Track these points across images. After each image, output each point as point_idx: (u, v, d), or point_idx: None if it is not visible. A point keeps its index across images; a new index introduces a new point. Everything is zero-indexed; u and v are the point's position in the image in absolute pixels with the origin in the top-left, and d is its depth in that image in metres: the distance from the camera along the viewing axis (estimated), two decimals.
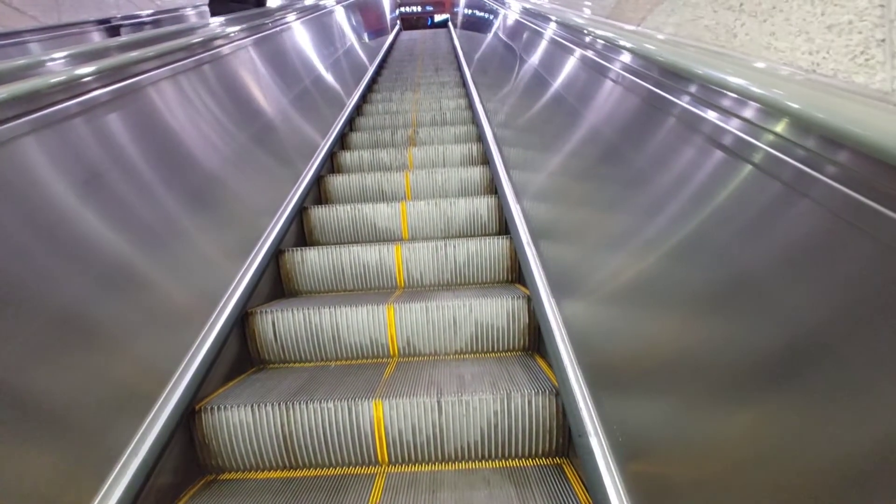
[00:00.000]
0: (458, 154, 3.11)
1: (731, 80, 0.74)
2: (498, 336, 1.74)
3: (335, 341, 1.76)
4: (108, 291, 1.19)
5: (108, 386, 1.12)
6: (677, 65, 0.90)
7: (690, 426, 0.77)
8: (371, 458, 1.36)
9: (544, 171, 1.86)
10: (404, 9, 15.62)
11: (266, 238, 2.04)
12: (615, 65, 1.30)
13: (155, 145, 1.56)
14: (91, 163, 1.26)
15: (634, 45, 1.12)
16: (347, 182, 2.82)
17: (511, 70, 2.93)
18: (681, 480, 0.79)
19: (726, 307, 0.72)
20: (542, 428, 1.33)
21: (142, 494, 1.09)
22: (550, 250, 1.68)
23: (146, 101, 1.57)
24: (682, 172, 0.94)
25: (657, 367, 0.90)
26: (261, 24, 2.60)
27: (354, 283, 2.15)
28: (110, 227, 1.25)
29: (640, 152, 1.13)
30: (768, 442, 0.61)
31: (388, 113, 4.12)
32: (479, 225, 2.45)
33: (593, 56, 1.50)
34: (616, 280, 1.14)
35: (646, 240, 1.03)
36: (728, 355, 0.70)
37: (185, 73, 1.84)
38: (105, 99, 1.36)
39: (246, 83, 2.40)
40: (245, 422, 1.35)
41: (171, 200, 1.55)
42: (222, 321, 1.57)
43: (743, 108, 0.72)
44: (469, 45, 5.36)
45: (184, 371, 1.35)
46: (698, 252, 0.82)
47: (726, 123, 0.77)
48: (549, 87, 2.00)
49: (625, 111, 1.28)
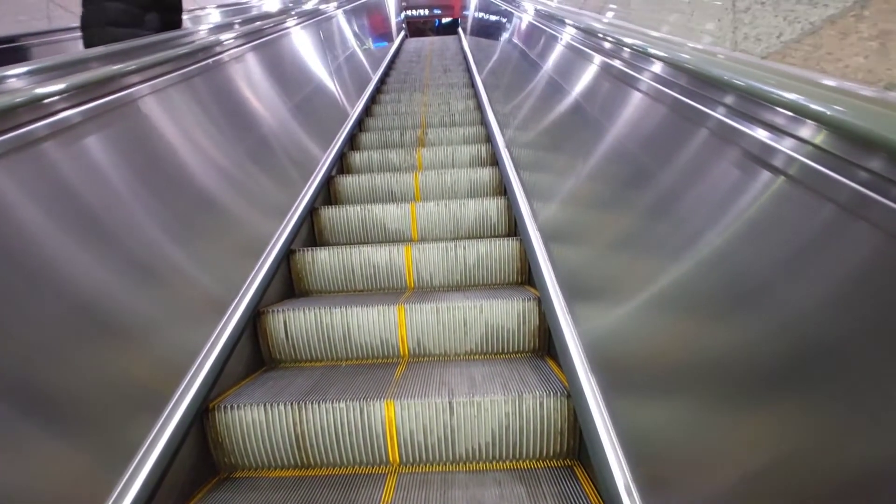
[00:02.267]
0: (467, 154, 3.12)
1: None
2: (508, 338, 1.74)
3: (346, 341, 1.77)
4: (126, 290, 1.20)
5: (125, 383, 1.13)
6: (710, 74, 0.90)
7: (708, 430, 0.77)
8: (382, 459, 1.37)
9: (556, 173, 1.86)
10: (411, 12, 15.13)
11: (277, 239, 2.05)
12: (639, 73, 1.29)
13: (171, 148, 1.58)
14: (115, 166, 1.28)
15: (667, 53, 1.10)
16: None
17: (526, 72, 2.93)
18: (697, 485, 0.78)
19: (746, 312, 0.72)
20: (553, 430, 1.33)
21: (158, 491, 1.11)
22: (562, 252, 1.68)
23: (162, 105, 1.59)
24: (699, 177, 0.94)
25: (673, 370, 0.90)
26: (260, 30, 2.61)
27: (364, 284, 2.16)
28: (127, 227, 1.27)
29: (655, 156, 1.13)
30: (788, 447, 0.60)
31: (393, 124, 4.12)
32: (488, 226, 2.45)
33: (619, 65, 1.49)
34: (630, 282, 1.14)
35: (660, 242, 1.03)
36: (745, 361, 0.70)
37: (200, 76, 1.86)
38: (129, 100, 1.38)
39: (257, 88, 2.42)
40: (258, 420, 1.37)
41: (183, 201, 1.56)
42: (235, 320, 1.59)
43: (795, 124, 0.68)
44: (480, 52, 5.33)
45: (198, 369, 1.36)
46: (716, 258, 0.82)
47: (754, 132, 0.77)
48: (564, 92, 2.00)
49: (642, 116, 1.28)
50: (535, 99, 2.46)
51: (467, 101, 4.22)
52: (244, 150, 2.05)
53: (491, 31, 4.85)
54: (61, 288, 1.03)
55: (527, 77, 2.74)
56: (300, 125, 2.75)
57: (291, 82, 2.89)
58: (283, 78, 2.79)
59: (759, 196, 0.74)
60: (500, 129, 3.06)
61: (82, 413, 1.00)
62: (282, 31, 2.90)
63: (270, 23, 2.71)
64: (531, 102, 2.50)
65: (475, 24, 6.28)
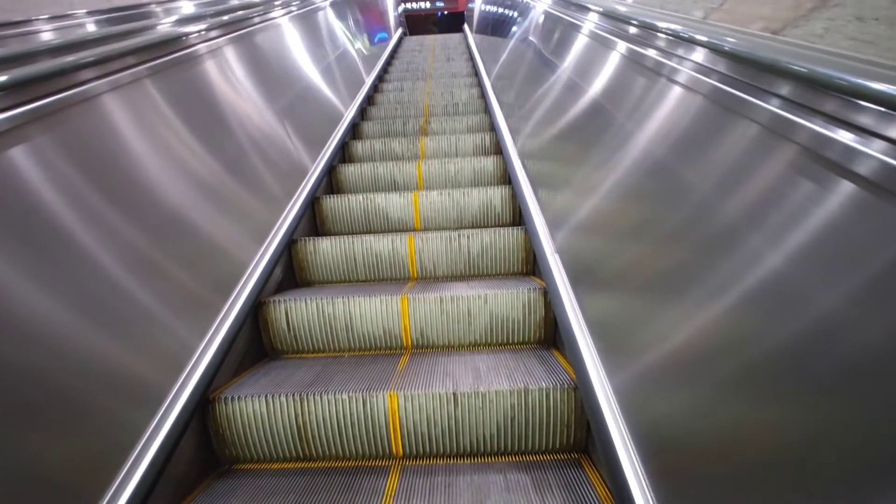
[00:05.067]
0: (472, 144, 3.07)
1: None
2: (513, 328, 1.71)
3: (348, 332, 1.74)
4: (126, 279, 1.18)
5: (125, 373, 1.11)
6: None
7: (724, 422, 0.74)
8: (386, 451, 1.35)
9: (564, 162, 1.82)
10: (410, 5, 13.67)
11: (279, 228, 2.02)
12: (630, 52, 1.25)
13: (171, 135, 1.54)
14: (115, 152, 1.25)
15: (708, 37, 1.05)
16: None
17: (535, 60, 2.87)
18: (713, 482, 0.76)
19: (763, 303, 0.68)
20: (560, 422, 1.31)
21: (159, 482, 1.09)
22: (569, 241, 1.64)
23: (161, 92, 1.55)
24: (717, 168, 0.90)
25: (687, 361, 0.86)
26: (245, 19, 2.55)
27: (367, 274, 2.13)
28: (127, 215, 1.24)
29: (668, 144, 1.09)
30: (804, 436, 0.58)
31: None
32: (492, 215, 2.41)
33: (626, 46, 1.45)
34: (643, 271, 1.10)
35: (672, 232, 0.99)
36: (761, 352, 0.67)
37: (207, 59, 1.82)
38: (129, 80, 1.35)
39: (260, 73, 2.38)
40: (259, 412, 1.34)
41: (184, 190, 1.53)
42: (236, 311, 1.56)
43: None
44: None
45: (198, 360, 1.34)
46: (732, 247, 0.78)
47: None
48: (574, 83, 1.95)
49: (653, 101, 1.23)
50: (543, 89, 2.41)
51: (470, 90, 4.17)
52: (246, 139, 2.01)
53: (499, 23, 4.75)
54: (59, 276, 1.00)
55: (534, 65, 2.69)
56: (301, 115, 2.71)
57: (290, 72, 2.84)
58: (284, 67, 2.74)
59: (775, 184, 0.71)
60: (504, 118, 3.01)
61: (81, 403, 0.98)
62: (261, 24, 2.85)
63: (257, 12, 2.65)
64: (538, 92, 2.45)
65: (481, 17, 6.03)
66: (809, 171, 0.66)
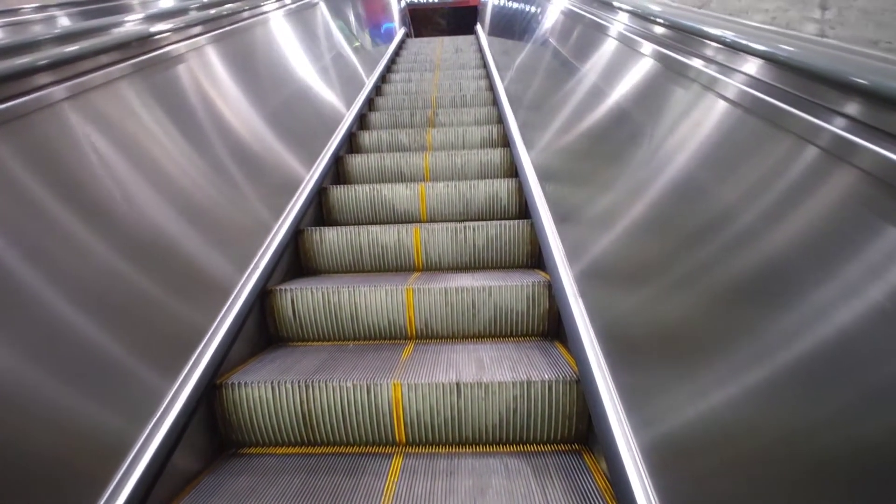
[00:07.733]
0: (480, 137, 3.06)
1: None
2: (517, 320, 1.72)
3: (354, 321, 1.76)
4: (136, 266, 1.20)
5: (134, 357, 1.13)
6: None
7: (725, 417, 0.75)
8: (389, 438, 1.37)
9: (572, 155, 1.82)
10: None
11: (286, 217, 2.04)
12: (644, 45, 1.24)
13: (179, 126, 1.55)
14: (126, 142, 1.26)
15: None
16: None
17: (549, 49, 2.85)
18: (713, 475, 0.77)
19: (769, 298, 0.69)
20: (561, 414, 1.32)
21: (167, 465, 1.11)
22: (574, 235, 1.64)
23: (164, 78, 1.56)
24: (724, 159, 0.90)
25: (690, 357, 0.87)
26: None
27: (372, 264, 2.15)
28: (137, 203, 1.26)
29: (668, 129, 1.09)
30: (808, 434, 0.58)
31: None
32: (498, 208, 2.41)
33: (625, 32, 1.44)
34: (649, 267, 1.11)
35: (677, 227, 1.00)
36: (764, 349, 0.67)
37: (211, 45, 1.83)
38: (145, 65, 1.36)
39: (269, 63, 2.38)
40: (265, 398, 1.37)
41: (192, 178, 1.55)
42: (243, 298, 1.58)
43: None
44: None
45: (206, 346, 1.36)
46: (740, 242, 0.79)
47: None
48: (584, 74, 1.94)
49: (658, 96, 1.23)
50: (553, 81, 2.39)
51: (478, 82, 4.15)
52: (255, 128, 2.02)
53: (513, 20, 4.71)
54: (69, 264, 1.02)
55: (549, 61, 2.67)
56: (308, 106, 2.71)
57: (297, 64, 2.84)
58: (291, 59, 2.74)
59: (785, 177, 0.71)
60: (512, 111, 3.00)
61: (90, 387, 1.00)
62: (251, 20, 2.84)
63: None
64: (547, 84, 2.44)
65: (494, 14, 5.84)
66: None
